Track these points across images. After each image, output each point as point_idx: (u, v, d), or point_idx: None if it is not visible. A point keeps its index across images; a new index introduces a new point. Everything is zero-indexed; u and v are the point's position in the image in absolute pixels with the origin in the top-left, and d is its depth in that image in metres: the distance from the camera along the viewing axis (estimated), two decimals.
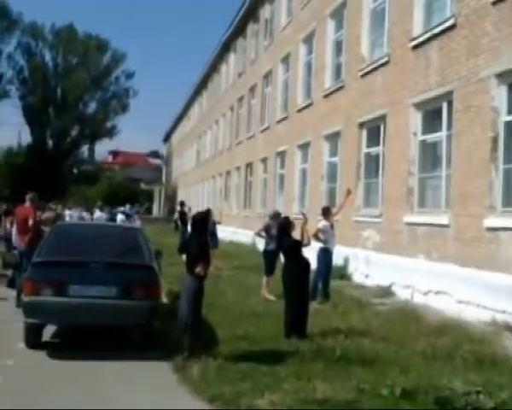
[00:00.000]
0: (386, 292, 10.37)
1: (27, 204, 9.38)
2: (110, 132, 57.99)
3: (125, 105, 57.34)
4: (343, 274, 12.10)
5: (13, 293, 9.36)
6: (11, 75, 51.95)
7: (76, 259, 6.18)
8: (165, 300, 8.15)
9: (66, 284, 5.96)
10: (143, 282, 6.18)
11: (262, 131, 21.08)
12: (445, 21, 9.29)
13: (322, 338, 6.67)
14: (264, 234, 10.25)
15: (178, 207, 22.50)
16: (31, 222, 8.95)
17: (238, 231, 21.99)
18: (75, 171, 59.74)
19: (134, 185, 61.53)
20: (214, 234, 14.75)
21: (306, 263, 7.18)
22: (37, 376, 5.49)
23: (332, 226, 9.80)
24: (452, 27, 9.07)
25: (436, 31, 9.50)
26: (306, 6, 16.42)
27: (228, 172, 27.35)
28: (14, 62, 52.12)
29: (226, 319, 7.46)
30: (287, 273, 6.99)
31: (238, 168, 24.99)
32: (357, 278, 11.92)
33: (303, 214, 8.09)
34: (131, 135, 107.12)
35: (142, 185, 59.18)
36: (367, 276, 11.62)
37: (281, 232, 7.28)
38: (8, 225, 12.75)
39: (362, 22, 12.50)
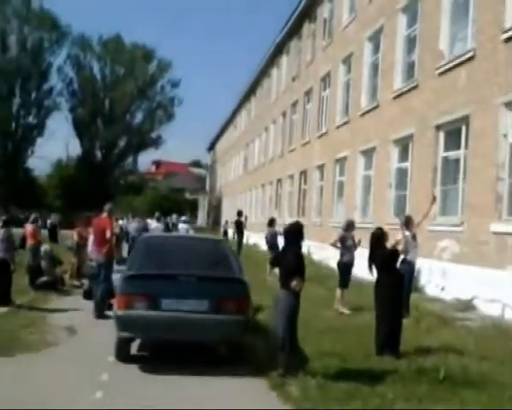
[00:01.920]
0: (467, 306, 9.76)
1: (104, 215, 9.27)
2: (156, 142, 58.89)
3: (171, 114, 58.13)
4: (414, 286, 11.27)
5: (88, 304, 9.34)
6: (61, 87, 53.80)
7: (168, 272, 6.05)
8: None
9: (159, 298, 5.85)
10: (235, 296, 6.02)
11: (319, 137, 20.38)
12: None
13: (417, 356, 6.31)
14: (339, 245, 9.81)
15: (234, 217, 22.21)
16: (108, 234, 8.85)
17: None
18: (122, 182, 60.67)
19: (177, 195, 62.17)
20: (276, 245, 14.17)
21: (401, 275, 6.82)
22: (134, 391, 5.25)
23: (414, 237, 9.09)
24: None
25: None
26: (373, 1, 15.62)
27: (279, 181, 26.79)
28: (64, 75, 53.95)
29: (307, 334, 7.09)
30: (380, 287, 6.55)
31: (291, 176, 24.38)
32: (431, 290, 11.20)
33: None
34: (172, 145, 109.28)
35: (187, 195, 59.64)
36: (443, 289, 10.91)
37: (374, 244, 6.68)
38: (75, 236, 12.94)
39: (441, 15, 11.68)
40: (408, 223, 9.27)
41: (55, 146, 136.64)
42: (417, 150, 12.52)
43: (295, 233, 5.76)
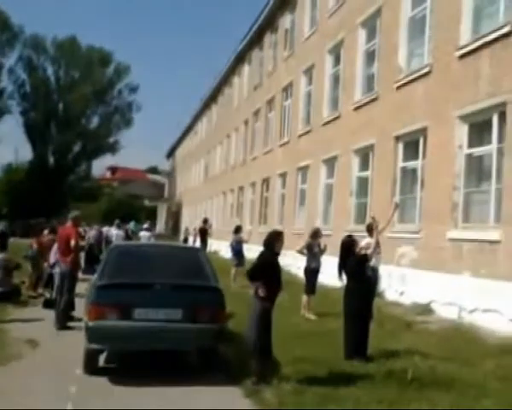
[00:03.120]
0: (425, 310, 10.11)
1: (69, 224, 9.08)
2: (112, 148, 57.52)
3: (129, 120, 57.00)
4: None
5: (48, 314, 9.13)
6: (12, 90, 51.80)
7: (141, 281, 5.93)
8: None
9: (132, 308, 5.70)
10: (210, 304, 5.94)
11: (281, 146, 20.68)
12: (499, 29, 8.95)
13: (385, 359, 6.48)
14: (305, 251, 10.03)
15: (194, 224, 22.15)
16: (73, 243, 8.64)
17: (253, 248, 21.38)
18: (76, 188, 58.98)
19: (134, 202, 61.11)
20: (241, 252, 14.33)
21: (370, 281, 6.99)
22: (105, 404, 5.13)
23: (377, 244, 9.39)
24: (507, 35, 8.72)
25: (488, 39, 9.16)
26: (333, 15, 16.07)
27: (241, 188, 26.90)
28: (16, 76, 51.94)
29: (276, 340, 7.09)
30: (350, 292, 6.74)
31: (253, 184, 24.54)
32: (391, 295, 11.53)
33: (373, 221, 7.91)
34: (128, 150, 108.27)
35: (146, 202, 58.67)
36: (402, 293, 11.26)
37: (344, 252, 6.89)
38: (35, 245, 12.61)
39: (399, 31, 12.17)
40: (371, 230, 9.59)
41: (4, 151, 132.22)
42: (377, 160, 12.94)
43: (268, 242, 5.82)
